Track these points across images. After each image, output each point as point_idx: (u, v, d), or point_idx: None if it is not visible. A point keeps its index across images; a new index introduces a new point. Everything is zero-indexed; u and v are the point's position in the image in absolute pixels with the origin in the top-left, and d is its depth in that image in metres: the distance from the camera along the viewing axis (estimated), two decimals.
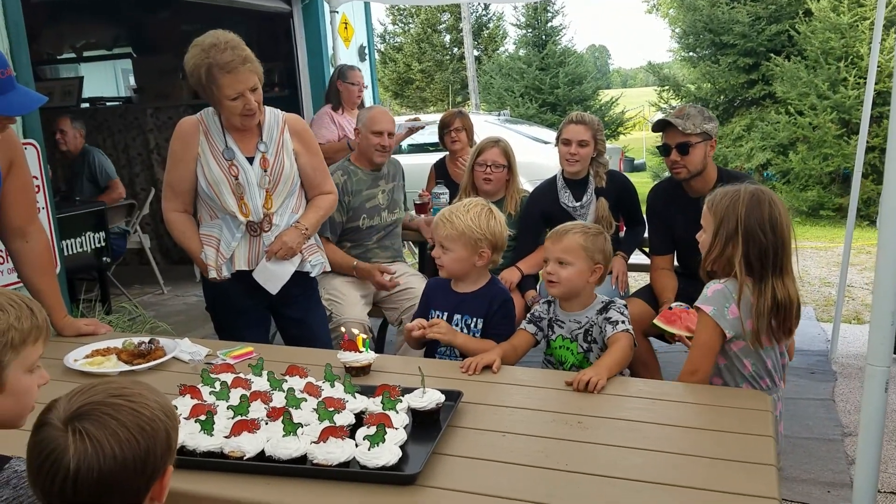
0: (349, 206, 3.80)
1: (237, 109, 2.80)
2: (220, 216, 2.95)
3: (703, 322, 2.24)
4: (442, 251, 2.73)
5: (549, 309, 2.69)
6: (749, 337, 2.22)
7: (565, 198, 3.84)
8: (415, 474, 1.67)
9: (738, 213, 2.24)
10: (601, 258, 2.61)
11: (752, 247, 2.23)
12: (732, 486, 1.61)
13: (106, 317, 4.42)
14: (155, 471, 1.17)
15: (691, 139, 3.27)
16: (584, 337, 2.58)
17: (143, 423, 1.15)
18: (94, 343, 2.62)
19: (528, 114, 17.99)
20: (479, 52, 24.95)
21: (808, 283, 6.59)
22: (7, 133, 2.39)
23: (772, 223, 2.24)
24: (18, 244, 2.67)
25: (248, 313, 3.09)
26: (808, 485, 3.13)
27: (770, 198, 2.28)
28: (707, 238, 2.34)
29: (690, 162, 3.30)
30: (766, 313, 2.21)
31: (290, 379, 2.15)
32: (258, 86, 2.82)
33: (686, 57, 14.22)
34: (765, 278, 2.22)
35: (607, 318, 2.51)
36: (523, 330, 2.67)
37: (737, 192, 2.29)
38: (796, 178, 10.79)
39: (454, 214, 2.72)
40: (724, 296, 2.23)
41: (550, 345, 2.66)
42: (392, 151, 3.98)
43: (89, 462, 1.11)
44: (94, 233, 5.30)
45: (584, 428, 1.93)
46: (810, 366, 4.48)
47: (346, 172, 3.82)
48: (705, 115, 3.35)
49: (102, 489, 1.11)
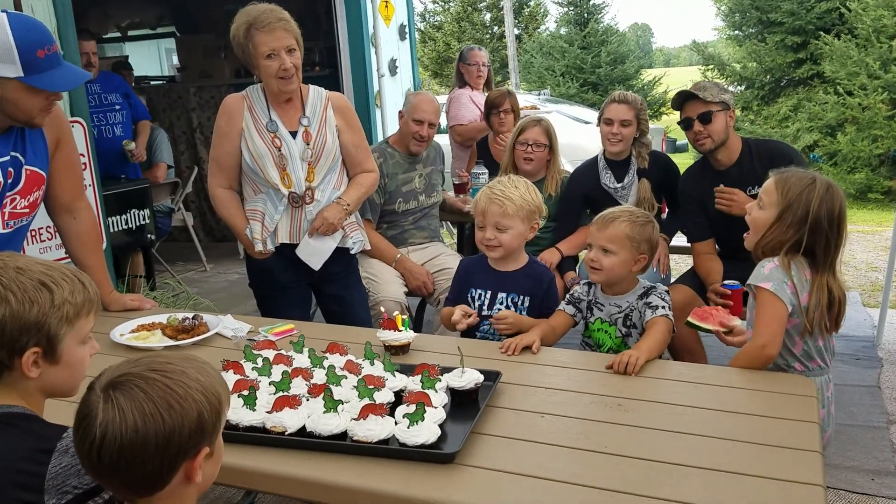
0: (386, 189, 3.81)
1: (272, 70, 2.83)
2: (263, 190, 2.99)
3: (766, 298, 2.19)
4: (498, 231, 2.69)
5: (589, 291, 2.67)
6: (802, 315, 2.20)
7: (607, 179, 3.80)
8: (453, 453, 1.67)
9: (811, 203, 2.20)
10: (647, 248, 2.56)
11: (817, 238, 2.20)
12: (776, 472, 1.59)
13: (150, 293, 4.50)
14: (181, 450, 1.16)
15: (711, 107, 3.26)
16: (624, 321, 2.55)
17: (172, 400, 1.15)
18: (140, 318, 2.67)
19: (569, 93, 17.79)
20: (520, 31, 24.69)
21: (854, 267, 6.44)
22: (54, 110, 2.43)
23: (839, 220, 2.22)
24: (66, 220, 2.73)
25: (289, 290, 3.12)
26: (852, 472, 3.09)
27: (841, 196, 2.25)
28: (766, 218, 2.28)
29: (714, 131, 3.28)
30: (823, 308, 2.19)
31: (331, 356, 2.17)
32: (295, 48, 2.85)
33: (732, 35, 13.90)
34: (823, 271, 2.21)
35: (647, 304, 2.48)
36: (562, 311, 2.64)
37: (812, 179, 2.25)
38: (844, 160, 10.51)
39: (508, 191, 2.69)
40: (781, 272, 2.20)
41: (589, 327, 2.64)
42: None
43: (112, 431, 1.13)
44: (139, 210, 5.38)
45: (624, 411, 1.91)
46: (855, 352, 4.40)
47: (382, 154, 3.82)
48: (721, 87, 3.39)
49: (122, 459, 1.13)
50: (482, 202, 2.72)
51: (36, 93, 2.26)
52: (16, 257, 1.48)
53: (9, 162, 2.37)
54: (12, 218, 2.45)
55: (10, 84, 2.21)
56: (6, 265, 1.43)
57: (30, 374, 1.43)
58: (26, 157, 2.43)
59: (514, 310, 2.69)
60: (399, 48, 6.69)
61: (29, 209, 2.51)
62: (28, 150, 2.44)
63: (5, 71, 2.19)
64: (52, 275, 1.45)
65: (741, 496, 1.52)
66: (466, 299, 2.78)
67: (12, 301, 1.39)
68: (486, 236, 2.71)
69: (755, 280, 2.24)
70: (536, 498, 1.54)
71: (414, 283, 3.79)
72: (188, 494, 1.22)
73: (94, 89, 5.21)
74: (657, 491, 1.54)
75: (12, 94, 2.23)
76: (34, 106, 2.29)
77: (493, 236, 2.70)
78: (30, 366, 1.42)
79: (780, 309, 2.18)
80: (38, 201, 2.54)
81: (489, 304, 2.74)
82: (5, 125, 2.35)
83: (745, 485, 1.56)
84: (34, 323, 1.40)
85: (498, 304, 2.73)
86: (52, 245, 3.59)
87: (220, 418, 1.22)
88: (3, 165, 2.35)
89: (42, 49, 2.22)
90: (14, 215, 2.45)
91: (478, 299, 2.77)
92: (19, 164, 2.41)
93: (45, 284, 1.43)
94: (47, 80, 2.25)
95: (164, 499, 1.19)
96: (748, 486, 1.56)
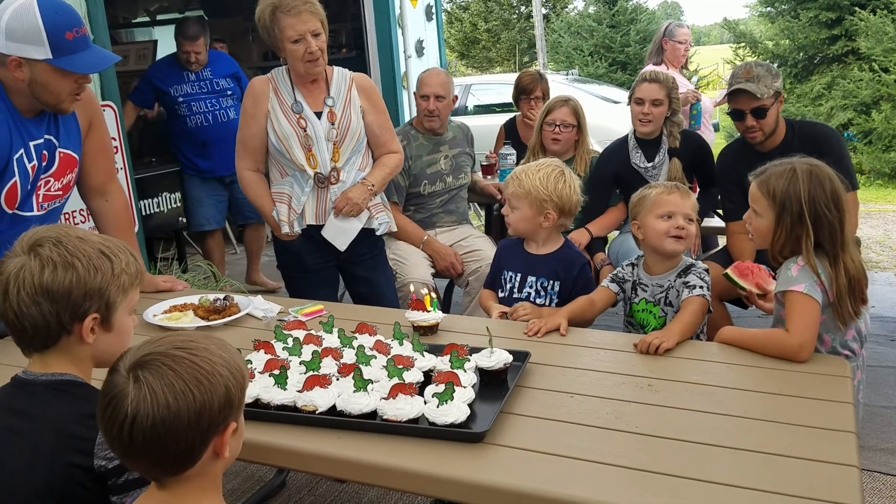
0: (410, 171, 3.81)
1: (299, 54, 2.84)
2: (290, 173, 3.00)
3: (801, 300, 2.08)
4: (510, 209, 2.73)
5: (632, 271, 2.64)
6: (831, 311, 2.13)
7: (637, 158, 3.76)
8: (483, 432, 1.68)
9: (801, 195, 2.12)
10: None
11: (821, 228, 2.12)
12: (810, 453, 1.58)
13: (182, 275, 4.56)
14: (212, 425, 1.18)
15: (765, 102, 3.14)
16: (665, 301, 2.53)
17: (200, 376, 1.17)
18: (172, 299, 2.70)
19: (598, 73, 17.59)
20: (547, 10, 24.42)
21: (889, 247, 6.33)
22: (86, 93, 2.45)
23: (834, 199, 2.13)
24: (99, 203, 2.76)
25: (317, 272, 3.14)
26: (886, 454, 3.05)
27: (827, 172, 2.16)
28: (766, 224, 2.20)
29: (766, 124, 3.18)
30: (845, 293, 2.11)
31: (360, 336, 2.18)
32: (321, 31, 2.85)
33: (764, 12, 13.61)
34: (837, 257, 2.12)
35: (685, 283, 2.45)
36: (605, 287, 2.63)
37: (792, 170, 2.16)
38: (879, 138, 10.29)
39: (524, 173, 2.70)
40: (808, 271, 2.12)
41: (633, 308, 2.62)
42: (448, 114, 3.94)
43: (144, 410, 1.14)
44: (171, 193, 5.43)
45: (654, 391, 1.90)
46: (890, 332, 4.33)
47: (406, 137, 3.82)
48: (773, 72, 3.21)
49: (155, 438, 1.14)
50: (508, 176, 2.80)
51: (65, 75, 2.28)
52: (74, 228, 1.53)
53: (42, 145, 2.41)
54: (46, 200, 2.49)
55: (40, 66, 2.23)
56: (68, 234, 1.49)
57: (87, 339, 1.49)
58: (59, 140, 2.47)
59: (543, 294, 2.69)
60: (426, 29, 6.65)
61: (62, 191, 2.54)
62: (61, 132, 2.47)
63: (34, 53, 2.21)
64: (109, 245, 1.51)
65: (774, 477, 1.51)
66: (500, 282, 2.79)
67: (79, 267, 1.45)
68: (503, 211, 2.79)
69: (785, 286, 2.13)
70: (566, 477, 1.54)
71: (442, 264, 3.79)
72: (215, 470, 1.24)
73: (204, 75, 5.14)
74: (688, 471, 1.53)
75: (41, 77, 2.26)
76: (63, 89, 2.31)
77: (507, 212, 2.75)
78: (88, 331, 1.48)
79: (816, 309, 2.08)
80: (71, 184, 2.58)
81: (519, 287, 2.74)
82: (38, 108, 2.38)
83: (778, 465, 1.55)
84: (97, 289, 1.47)
85: (527, 288, 2.72)
86: (85, 227, 3.63)
87: (244, 393, 1.25)
88: (37, 148, 2.39)
89: (70, 31, 2.24)
90: (48, 197, 2.49)
91: (509, 282, 2.77)
92: (53, 147, 2.45)
93: (105, 254, 1.49)
94: (76, 62, 2.27)
95: (194, 476, 1.20)
96: (781, 467, 1.54)
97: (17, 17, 2.19)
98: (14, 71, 2.24)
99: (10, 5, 2.20)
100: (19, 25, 2.18)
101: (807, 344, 2.05)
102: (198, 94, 5.09)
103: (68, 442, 1.41)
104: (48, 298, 1.44)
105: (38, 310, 1.44)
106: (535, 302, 2.69)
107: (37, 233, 1.50)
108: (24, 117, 2.35)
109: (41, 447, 1.41)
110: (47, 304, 1.44)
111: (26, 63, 2.22)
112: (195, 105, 5.09)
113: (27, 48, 2.20)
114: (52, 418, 1.44)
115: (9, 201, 2.36)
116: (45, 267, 1.43)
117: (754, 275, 2.55)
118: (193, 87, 5.10)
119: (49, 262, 1.44)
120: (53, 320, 1.45)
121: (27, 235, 1.50)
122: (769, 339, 2.11)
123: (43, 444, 1.41)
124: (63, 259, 1.45)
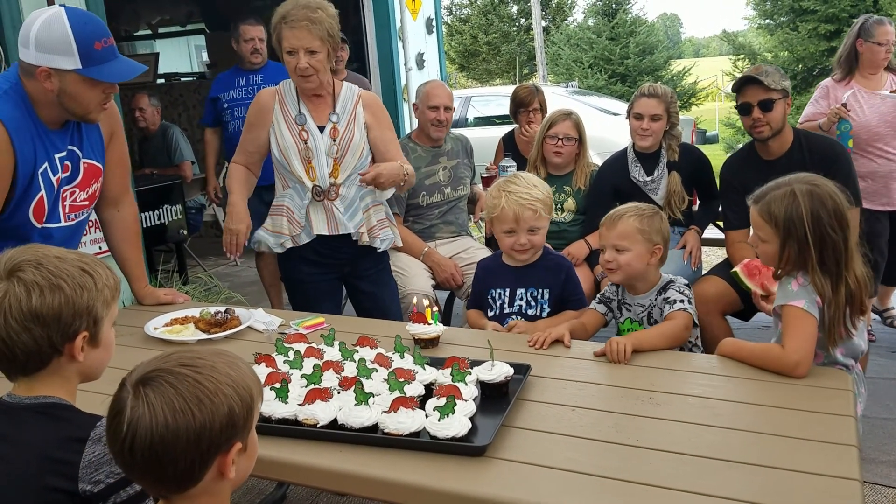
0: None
1: (291, 66, 2.86)
2: (290, 185, 3.02)
3: (799, 315, 2.08)
4: (530, 234, 2.68)
5: (617, 290, 2.66)
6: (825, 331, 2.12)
7: (636, 172, 3.77)
8: (484, 446, 1.68)
9: (804, 218, 2.10)
10: (659, 239, 2.54)
11: (826, 249, 2.10)
12: (812, 466, 1.58)
13: (183, 287, 4.56)
14: (213, 446, 1.16)
15: (773, 95, 3.16)
16: (648, 319, 2.54)
17: (202, 395, 1.15)
18: (173, 312, 2.71)
19: (598, 85, 17.68)
20: (547, 23, 24.55)
21: None
22: (110, 104, 2.47)
23: (838, 217, 2.11)
24: (111, 213, 2.78)
25: (319, 284, 3.14)
26: (888, 466, 3.04)
27: (828, 190, 2.14)
28: (773, 249, 2.18)
29: (773, 119, 3.18)
30: (842, 307, 2.11)
31: (361, 349, 2.18)
32: (318, 50, 2.83)
33: (763, 24, 13.72)
34: (841, 277, 2.11)
35: (666, 298, 2.47)
36: (593, 309, 2.64)
37: (791, 193, 2.14)
38: None
39: (534, 193, 2.67)
40: (809, 288, 2.11)
41: (619, 327, 2.64)
42: (450, 126, 3.95)
43: (144, 427, 1.13)
44: (171, 206, 5.44)
45: (655, 404, 1.90)
46: (892, 344, 4.32)
47: (404, 149, 3.82)
48: (781, 72, 3.26)
49: (153, 456, 1.13)
50: (513, 208, 2.66)
51: (93, 85, 2.28)
52: (46, 247, 1.50)
53: (66, 156, 2.42)
54: (73, 210, 2.51)
55: (69, 76, 2.24)
56: (46, 255, 1.46)
57: (78, 357, 1.47)
58: (83, 151, 2.48)
59: (534, 304, 2.69)
60: (426, 42, 6.69)
61: (88, 201, 2.56)
62: (85, 143, 2.49)
63: (64, 63, 2.21)
64: (86, 261, 1.49)
65: (775, 490, 1.51)
66: (487, 301, 2.79)
67: (65, 288, 1.43)
68: (520, 241, 2.69)
69: (785, 300, 2.12)
70: (568, 491, 1.54)
71: (442, 276, 3.80)
72: (222, 490, 1.22)
73: (255, 80, 4.88)
74: (690, 485, 1.53)
75: (71, 87, 2.26)
76: (92, 99, 2.32)
77: (526, 241, 2.69)
78: (79, 350, 1.46)
79: (813, 325, 2.08)
80: (96, 193, 2.59)
81: (509, 302, 2.75)
82: (63, 119, 2.39)
83: (780, 479, 1.55)
84: (85, 307, 1.45)
85: (518, 301, 2.73)
86: (95, 236, 3.59)
87: (251, 413, 1.22)
88: (61, 160, 2.40)
89: (99, 41, 2.25)
90: (74, 208, 2.51)
91: (498, 299, 2.78)
92: (76, 158, 2.46)
93: (86, 271, 1.47)
94: (105, 72, 2.28)
95: (198, 495, 1.19)
96: (783, 481, 1.54)
97: (47, 27, 2.19)
98: (44, 82, 2.24)
99: (39, 17, 2.21)
100: (49, 36, 2.19)
101: (804, 361, 2.04)
102: (243, 100, 4.85)
103: (51, 466, 1.38)
104: (39, 323, 1.40)
105: (29, 335, 1.40)
106: (527, 313, 2.71)
107: (11, 257, 1.45)
108: (48, 129, 2.36)
109: (24, 472, 1.38)
110: (38, 329, 1.41)
111: (56, 73, 2.23)
112: (237, 110, 4.87)
113: (57, 59, 2.21)
114: (35, 443, 1.41)
115: (37, 215, 2.37)
116: (31, 291, 1.40)
117: (762, 275, 2.56)
118: (240, 93, 4.91)
119: (34, 286, 1.40)
120: (45, 344, 1.42)
121: (1, 260, 1.45)
122: (766, 354, 2.11)
123: (25, 469, 1.38)
124: (48, 281, 1.41)
